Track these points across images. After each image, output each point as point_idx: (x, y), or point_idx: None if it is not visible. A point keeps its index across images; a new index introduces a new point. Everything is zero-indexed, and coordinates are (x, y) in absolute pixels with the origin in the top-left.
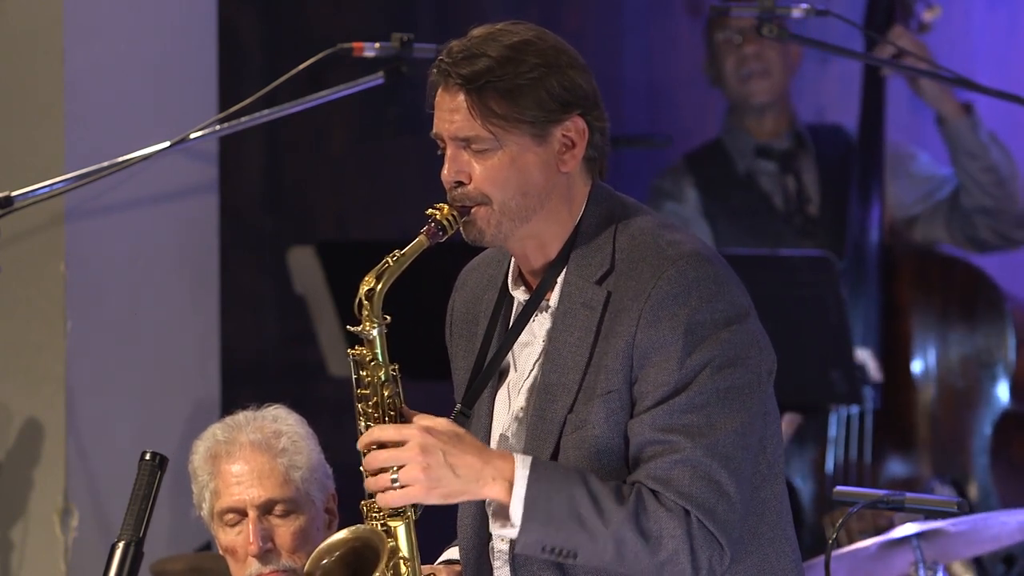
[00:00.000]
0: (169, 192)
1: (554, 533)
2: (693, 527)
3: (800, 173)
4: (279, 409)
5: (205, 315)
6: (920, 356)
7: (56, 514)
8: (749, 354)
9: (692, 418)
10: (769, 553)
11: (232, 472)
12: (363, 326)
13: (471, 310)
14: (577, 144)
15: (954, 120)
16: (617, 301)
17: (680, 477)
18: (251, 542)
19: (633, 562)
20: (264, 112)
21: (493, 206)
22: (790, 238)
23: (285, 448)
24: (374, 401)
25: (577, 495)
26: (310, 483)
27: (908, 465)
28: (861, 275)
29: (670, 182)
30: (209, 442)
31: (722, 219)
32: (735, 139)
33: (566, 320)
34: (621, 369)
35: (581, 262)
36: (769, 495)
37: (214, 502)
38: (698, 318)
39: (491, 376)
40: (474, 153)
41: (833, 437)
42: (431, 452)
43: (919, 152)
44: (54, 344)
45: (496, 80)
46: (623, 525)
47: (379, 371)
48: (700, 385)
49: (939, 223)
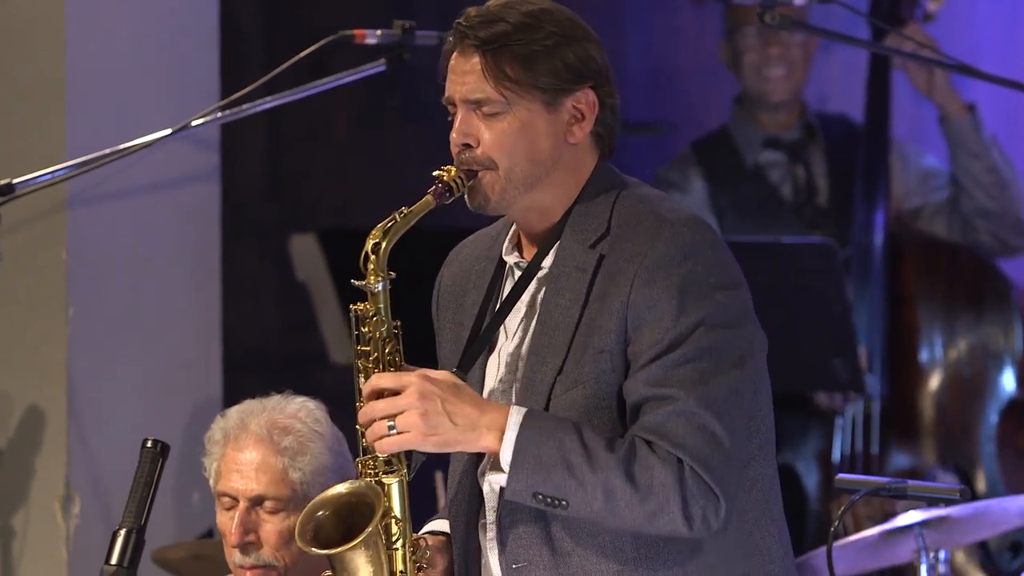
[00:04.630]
0: (171, 180)
1: (543, 479)
2: (686, 475)
3: (809, 164)
4: (308, 404)
5: (207, 303)
6: (927, 345)
7: (57, 502)
8: (743, 321)
9: (686, 371)
10: (753, 531)
11: (235, 459)
12: (368, 279)
13: (459, 283)
14: (587, 116)
15: (957, 119)
16: (611, 263)
17: (674, 427)
18: (233, 532)
19: (624, 511)
20: (266, 99)
21: (499, 172)
22: (799, 230)
23: (288, 447)
24: (374, 357)
25: (567, 441)
26: (310, 486)
27: (914, 454)
28: (867, 264)
29: (676, 172)
30: (226, 421)
31: (729, 211)
32: (743, 130)
33: (558, 284)
34: (615, 329)
35: (577, 228)
36: (758, 474)
37: (216, 480)
38: (693, 278)
39: (488, 339)
40: (484, 117)
41: (840, 426)
42: (429, 398)
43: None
44: (56, 332)
45: (513, 44)
46: (612, 472)
47: (381, 326)
48: (695, 341)
49: (940, 225)
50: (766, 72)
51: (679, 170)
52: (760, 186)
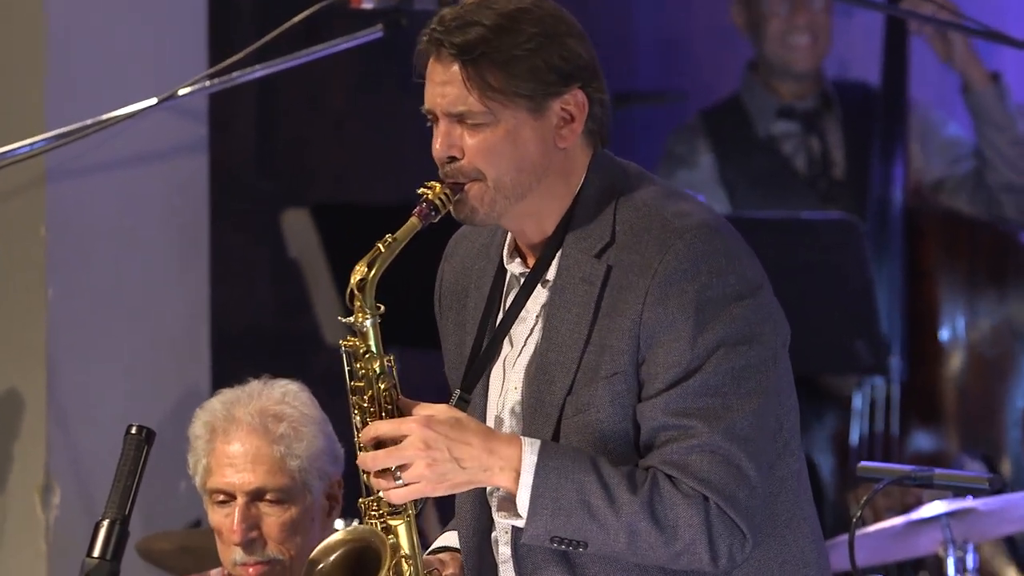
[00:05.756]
0: (156, 152)
1: (563, 523)
2: (712, 514)
3: (825, 134)
4: (291, 386)
5: (194, 282)
6: (948, 324)
7: (37, 491)
8: (763, 330)
9: (707, 401)
10: (785, 534)
11: (226, 452)
12: (356, 317)
13: (461, 281)
14: (576, 118)
15: (980, 89)
16: (619, 276)
17: (698, 462)
18: (234, 530)
19: (648, 552)
20: (257, 67)
21: (487, 182)
22: (813, 204)
23: (284, 434)
24: (369, 395)
25: (587, 483)
26: (308, 472)
27: (936, 439)
28: (884, 239)
29: (684, 145)
30: (209, 414)
31: (740, 185)
32: (756, 98)
33: (564, 296)
34: (627, 350)
35: (580, 235)
36: (785, 473)
37: (206, 478)
38: (709, 294)
39: (490, 358)
40: (468, 127)
41: (857, 409)
42: (434, 446)
43: (945, 116)
44: (34, 312)
45: (492, 51)
46: (636, 514)
47: (373, 363)
48: (714, 366)
49: (963, 197)
50: (791, 40)
51: (686, 142)
52: (772, 158)
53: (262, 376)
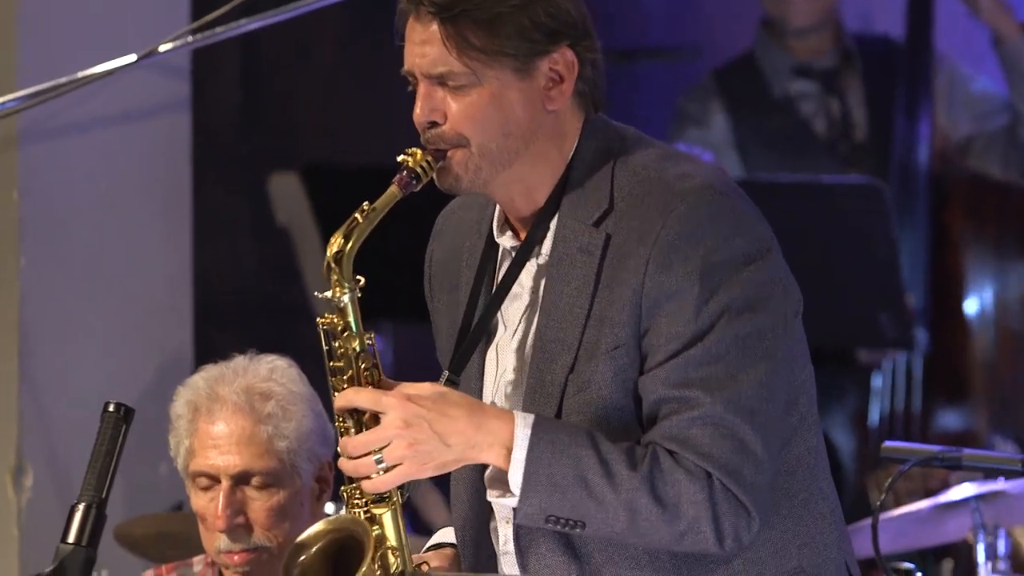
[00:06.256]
0: (136, 112)
1: (558, 502)
2: (716, 491)
3: (845, 93)
4: (278, 362)
5: (176, 249)
6: (975, 294)
7: (8, 473)
8: (772, 295)
9: (710, 370)
10: (803, 515)
11: (210, 433)
12: (333, 292)
13: (452, 260)
14: (566, 79)
15: (1011, 41)
16: (619, 244)
17: (699, 436)
18: (218, 516)
19: (649, 532)
20: (242, 21)
21: (471, 148)
22: (833, 168)
23: (271, 414)
24: (349, 375)
25: (584, 458)
26: (297, 454)
27: (963, 418)
28: (908, 205)
29: (696, 104)
30: (191, 392)
31: (754, 148)
32: (770, 57)
33: (561, 269)
34: (628, 322)
35: (575, 203)
36: (802, 450)
37: (188, 460)
38: (714, 259)
39: (480, 337)
40: (450, 90)
41: (878, 386)
42: (415, 424)
43: (973, 71)
44: (6, 283)
45: (473, 8)
46: (636, 491)
47: (352, 342)
48: (718, 333)
49: (994, 158)
50: None
51: (698, 102)
52: (789, 119)
53: (248, 351)
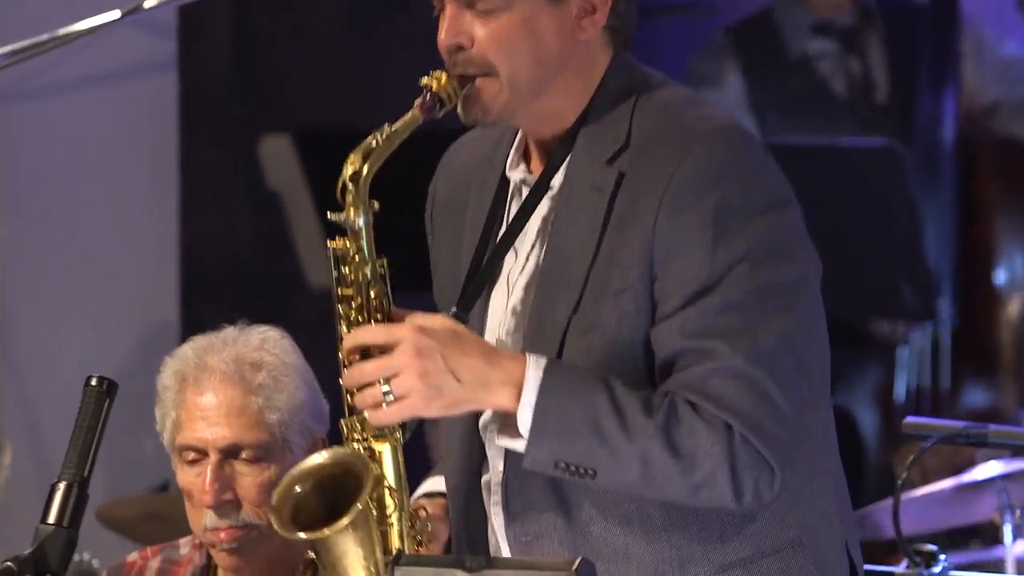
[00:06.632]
0: (120, 71)
1: (568, 447)
2: (736, 444)
3: (865, 53)
4: (270, 332)
5: (163, 215)
6: (1005, 264)
7: None
8: (792, 248)
9: (728, 320)
10: (804, 489)
11: (198, 404)
12: (347, 213)
13: (458, 193)
14: (598, 9)
15: None
16: (633, 183)
17: (720, 387)
18: (206, 491)
19: (663, 484)
20: None
21: (500, 78)
22: (853, 131)
23: (263, 384)
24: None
25: (597, 403)
26: (289, 427)
27: (991, 393)
28: (933, 170)
29: (709, 64)
30: (179, 362)
31: (771, 109)
32: (787, 13)
33: (570, 205)
34: (638, 264)
35: (591, 139)
36: (811, 421)
37: (175, 433)
38: (732, 203)
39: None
40: (478, 14)
41: (903, 360)
42: (428, 355)
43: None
44: None
45: None
46: (651, 439)
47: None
48: (735, 281)
49: (1021, 124)
50: None
51: (712, 61)
52: (807, 80)
53: (238, 321)
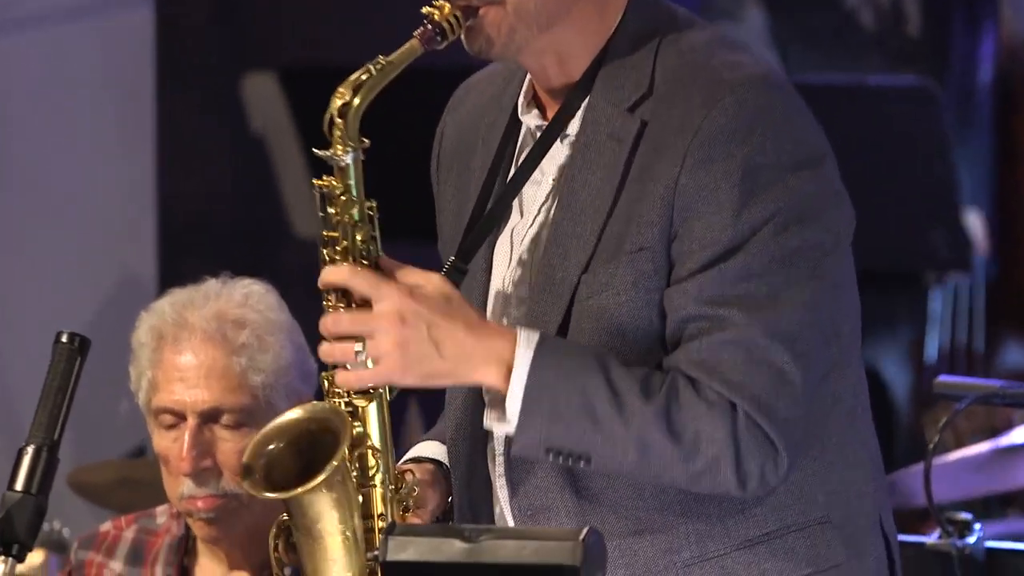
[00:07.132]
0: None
1: (561, 432)
2: (740, 427)
3: None
4: (255, 287)
5: (138, 162)
6: None
7: None
8: (824, 208)
9: (748, 287)
10: (835, 460)
11: (176, 364)
12: (334, 149)
13: (466, 138)
14: None
15: None
16: (655, 134)
17: (730, 362)
18: (183, 458)
19: (662, 471)
20: None
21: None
22: (882, 68)
23: (246, 344)
24: (343, 247)
25: (592, 384)
26: (274, 390)
27: None
28: (969, 109)
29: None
30: (156, 318)
31: (795, 43)
32: None
33: (587, 155)
34: (658, 221)
35: (611, 83)
36: (840, 388)
37: (151, 395)
38: (761, 160)
39: (493, 224)
40: None
41: (936, 315)
42: (411, 322)
43: None
44: None
45: None
46: (649, 424)
47: (351, 208)
48: (760, 245)
49: None
50: None
51: None
52: (833, 12)
53: (220, 274)
